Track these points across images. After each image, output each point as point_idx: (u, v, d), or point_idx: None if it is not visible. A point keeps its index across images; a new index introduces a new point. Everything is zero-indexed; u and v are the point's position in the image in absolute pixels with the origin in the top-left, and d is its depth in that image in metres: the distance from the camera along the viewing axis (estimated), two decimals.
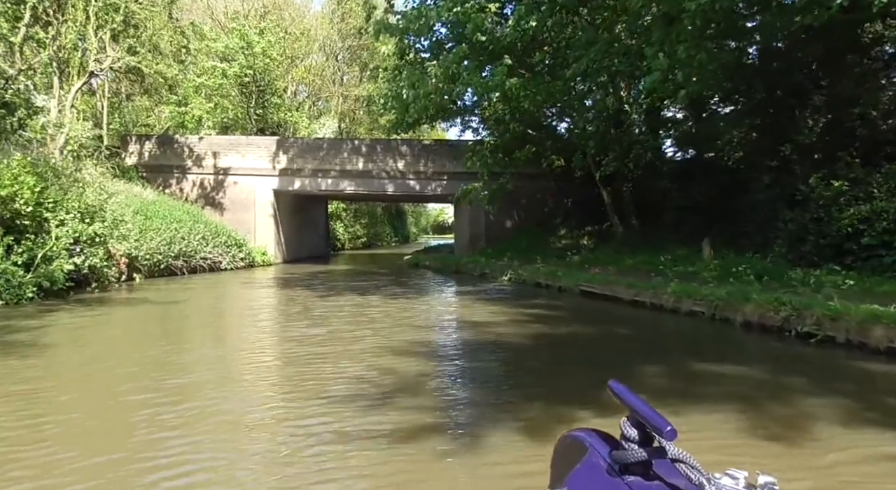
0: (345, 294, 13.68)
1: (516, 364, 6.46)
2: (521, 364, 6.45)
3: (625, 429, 0.98)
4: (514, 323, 9.13)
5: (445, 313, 10.86)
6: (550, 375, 5.95)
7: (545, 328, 8.60)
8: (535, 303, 11.63)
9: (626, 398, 0.98)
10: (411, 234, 79.13)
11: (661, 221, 15.37)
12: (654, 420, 0.89)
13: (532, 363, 6.49)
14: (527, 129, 15.96)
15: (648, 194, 15.78)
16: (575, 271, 13.43)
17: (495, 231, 23.93)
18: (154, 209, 20.02)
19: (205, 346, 7.92)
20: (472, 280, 17.27)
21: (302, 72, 41.07)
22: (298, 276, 19.11)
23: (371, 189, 24.75)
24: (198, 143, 25.25)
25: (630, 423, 0.97)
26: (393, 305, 11.88)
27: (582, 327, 8.82)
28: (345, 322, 9.70)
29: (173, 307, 11.67)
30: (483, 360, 6.73)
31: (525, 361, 6.60)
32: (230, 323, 10.27)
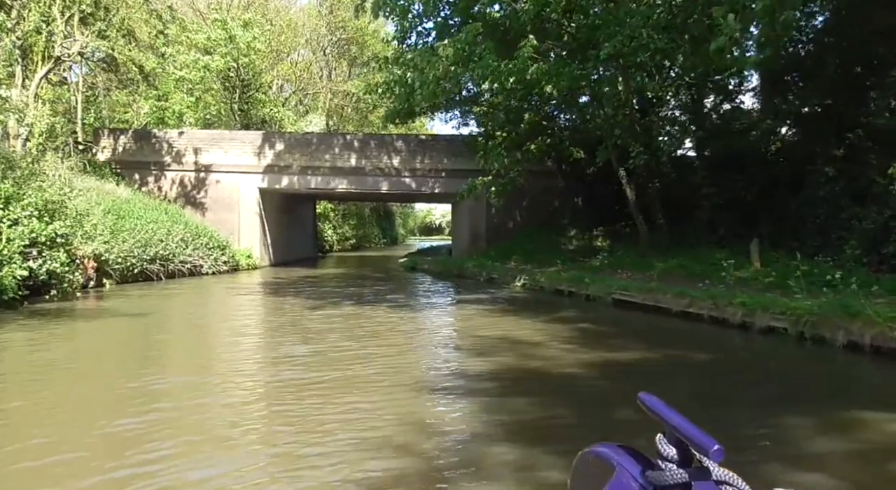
0: (339, 303, 12.08)
1: (591, 409, 4.91)
2: (599, 409, 4.91)
3: (661, 447, 0.88)
4: (554, 342, 7.61)
5: (462, 327, 9.30)
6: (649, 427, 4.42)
7: (599, 350, 7.07)
8: (565, 315, 10.11)
9: (662, 413, 0.89)
10: (399, 236, 77.49)
11: (692, 221, 13.93)
12: (698, 438, 0.82)
13: (615, 408, 4.91)
14: (542, 120, 14.43)
15: (677, 190, 14.32)
16: (604, 277, 11.92)
17: (497, 231, 22.41)
18: (128, 208, 18.25)
19: (170, 375, 6.29)
20: (480, 286, 15.73)
21: (288, 67, 39.35)
22: (286, 282, 17.45)
23: (364, 187, 23.13)
24: (177, 138, 23.47)
25: (668, 441, 0.88)
26: (396, 317, 10.31)
27: (644, 349, 7.24)
28: (342, 338, 8.16)
29: (141, 321, 9.99)
30: (541, 401, 5.12)
31: (602, 404, 5.05)
32: (206, 340, 8.63)
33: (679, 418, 0.86)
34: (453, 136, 23.73)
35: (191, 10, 34.50)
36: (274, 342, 8.54)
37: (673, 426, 0.86)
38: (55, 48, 18.07)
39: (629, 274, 12.65)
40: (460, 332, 8.77)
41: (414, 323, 9.90)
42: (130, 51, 20.16)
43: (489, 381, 5.70)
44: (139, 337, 8.76)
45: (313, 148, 22.97)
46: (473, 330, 8.89)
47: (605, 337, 8.13)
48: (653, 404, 0.92)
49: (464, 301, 12.34)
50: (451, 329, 9.13)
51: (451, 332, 8.84)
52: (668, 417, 0.88)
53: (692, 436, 0.82)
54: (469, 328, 9.12)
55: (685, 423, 0.85)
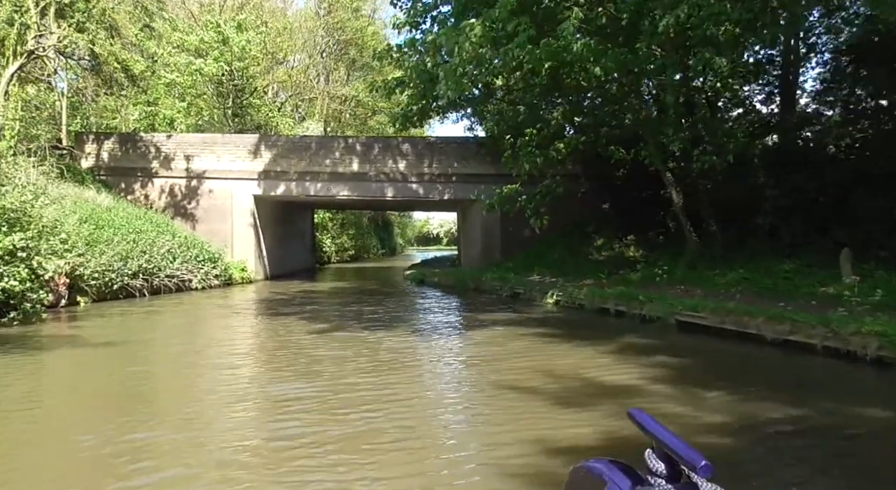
0: (345, 325, 10.32)
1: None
2: None
3: (650, 462, 0.90)
4: (638, 383, 5.89)
5: (499, 358, 7.52)
6: None
7: (715, 403, 5.28)
8: (627, 343, 8.33)
9: (651, 428, 0.91)
10: (398, 246, 75.73)
11: (748, 226, 12.24)
12: (686, 453, 0.83)
13: None
14: (573, 116, 12.67)
15: (729, 192, 12.60)
16: (662, 295, 10.15)
17: (513, 241, 20.69)
18: (107, 217, 16.47)
19: (140, 428, 4.55)
20: (503, 302, 13.98)
21: (284, 73, 37.74)
22: (284, 298, 15.66)
23: (367, 194, 21.40)
24: (166, 143, 21.73)
25: (656, 456, 0.90)
26: (411, 343, 8.58)
27: (780, 400, 5.25)
28: (347, 372, 6.56)
29: (111, 351, 8.19)
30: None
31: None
32: (186, 378, 6.84)
33: (667, 433, 0.87)
34: (464, 138, 22.07)
35: (183, 11, 32.92)
36: (267, 378, 6.82)
37: (661, 441, 0.86)
38: (28, 42, 16.36)
39: (683, 289, 10.92)
40: (499, 367, 7.01)
41: (435, 351, 8.16)
42: (112, 46, 18.39)
43: (563, 456, 3.92)
44: (106, 374, 6.98)
45: (312, 152, 21.26)
46: (515, 363, 7.14)
47: (705, 376, 6.31)
48: (642, 419, 0.92)
49: (490, 322, 10.59)
50: (486, 361, 7.36)
51: (486, 366, 7.07)
52: (656, 432, 0.88)
53: (680, 451, 0.82)
54: (508, 360, 7.36)
55: (673, 438, 0.85)
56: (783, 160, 11.73)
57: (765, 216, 11.57)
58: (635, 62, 9.89)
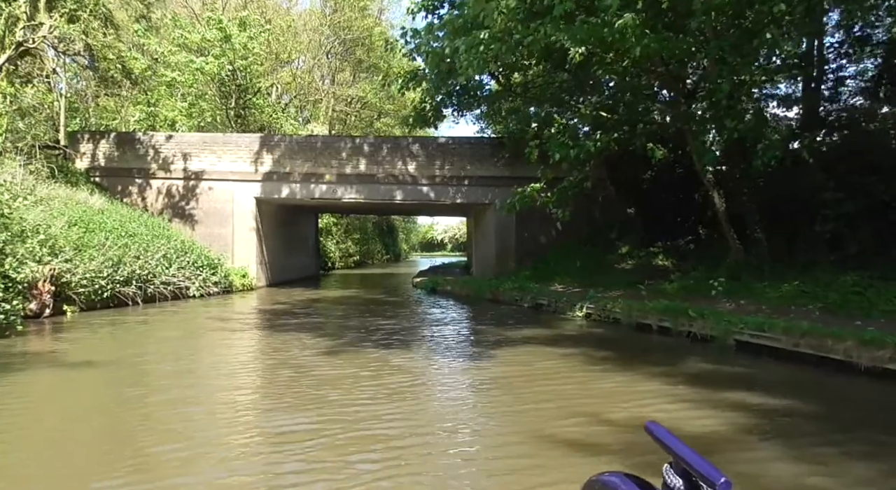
0: (352, 341, 9.21)
1: None
2: None
3: (668, 477, 0.89)
4: (764, 436, 4.75)
5: (538, 391, 6.38)
6: None
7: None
8: (691, 368, 7.17)
9: (669, 443, 0.90)
10: (403, 252, 74.62)
11: (800, 234, 11.08)
12: (705, 469, 0.81)
13: None
14: (600, 110, 11.50)
15: (778, 195, 11.43)
16: (718, 310, 8.98)
17: (529, 248, 19.58)
18: (99, 220, 15.40)
19: (121, 475, 3.46)
20: (525, 315, 12.85)
21: (288, 75, 36.74)
22: (287, 309, 14.55)
23: (375, 197, 20.30)
24: (164, 143, 20.71)
25: (674, 472, 0.89)
26: (435, 367, 7.47)
27: None
28: (353, 401, 5.45)
29: (88, 375, 7.06)
30: None
31: None
32: (175, 408, 5.71)
33: (686, 449, 0.87)
34: (477, 138, 21.01)
35: (185, 10, 31.96)
36: (265, 408, 5.73)
37: (680, 457, 0.86)
38: (16, 33, 15.34)
39: (731, 303, 9.77)
40: (531, 400, 5.87)
41: (460, 377, 7.03)
42: (106, 36, 17.35)
43: None
44: (83, 400, 5.87)
45: (317, 153, 20.20)
46: (549, 394, 6.02)
47: (819, 422, 5.14)
48: (660, 434, 0.93)
49: (515, 339, 9.45)
50: (515, 393, 6.22)
51: (515, 399, 5.94)
52: (675, 448, 0.89)
53: (699, 467, 0.82)
54: (541, 391, 6.23)
55: (692, 454, 0.85)
56: (843, 160, 10.57)
57: (824, 223, 10.41)
58: (681, 45, 8.74)
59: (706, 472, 0.81)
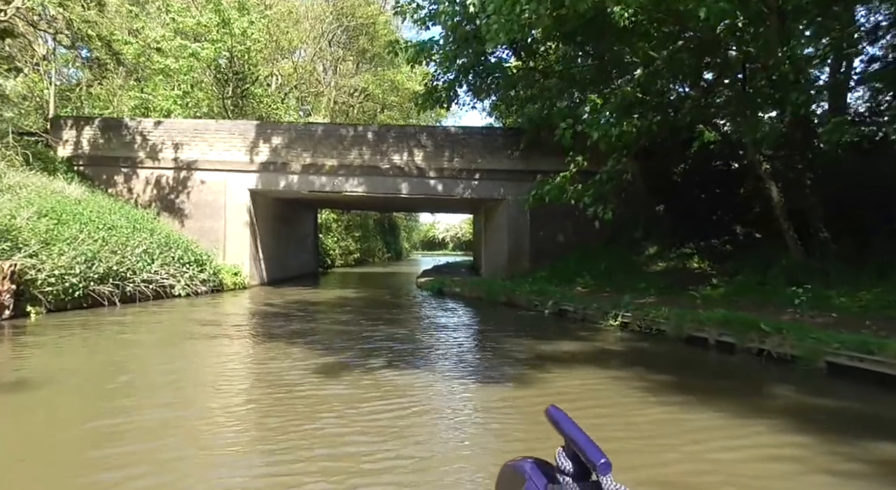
0: (353, 355, 7.73)
1: None
2: None
3: (560, 460, 0.93)
4: None
5: (627, 440, 4.90)
6: None
7: None
8: (797, 400, 5.70)
9: (563, 426, 0.92)
10: (404, 250, 73.13)
11: (877, 233, 9.55)
12: (588, 451, 0.84)
13: None
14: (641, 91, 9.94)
15: (844, 186, 9.89)
16: (800, 324, 7.45)
17: (544, 247, 18.09)
18: (74, 211, 13.91)
19: None
20: (547, 323, 11.38)
21: (289, 65, 35.25)
22: (279, 311, 13.07)
23: (379, 190, 18.82)
24: (153, 129, 19.23)
25: (565, 455, 0.92)
26: (451, 393, 6.01)
27: None
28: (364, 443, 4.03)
29: (21, 399, 5.57)
30: None
31: None
32: (136, 446, 4.23)
33: (577, 431, 0.88)
34: (490, 128, 19.55)
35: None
36: (236, 448, 4.23)
37: (570, 439, 0.88)
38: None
39: (796, 314, 8.28)
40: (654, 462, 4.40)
41: (478, 407, 5.58)
42: (87, 9, 15.85)
43: None
44: (11, 431, 4.41)
45: (317, 142, 18.71)
46: (618, 441, 4.55)
47: None
48: (558, 417, 0.93)
49: (547, 356, 7.95)
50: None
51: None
52: (567, 430, 0.90)
53: (584, 448, 0.84)
54: (603, 436, 4.77)
55: (581, 436, 0.87)
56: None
57: None
58: (754, 7, 7.26)
59: (589, 453, 0.81)
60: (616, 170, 10.38)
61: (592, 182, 10.72)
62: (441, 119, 42.41)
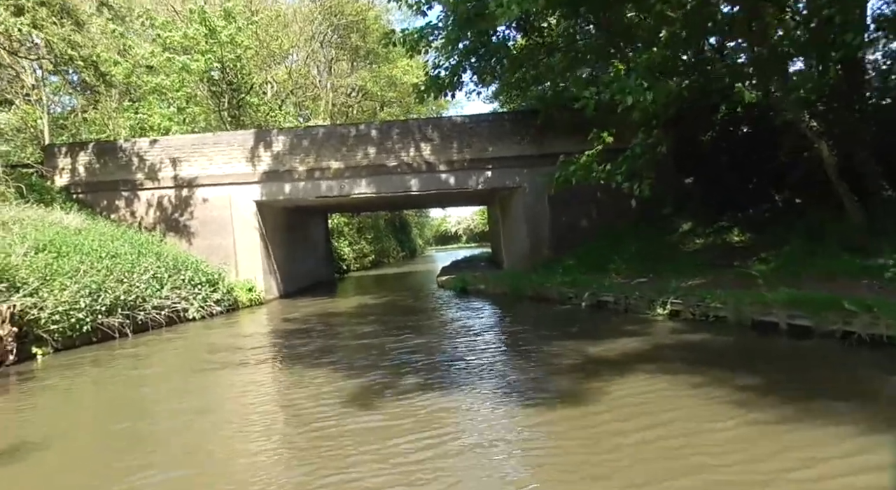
0: (389, 377, 6.95)
1: None
2: None
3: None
4: None
5: (743, 474, 4.11)
6: None
7: None
8: None
9: None
10: (418, 247, 72.39)
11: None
12: None
13: None
14: (678, 49, 9.01)
15: None
16: (884, 301, 6.54)
17: (565, 234, 17.22)
18: (74, 242, 13.25)
19: None
20: (588, 317, 10.55)
21: (283, 72, 34.52)
22: (299, 329, 12.32)
23: (388, 189, 18.03)
24: (149, 149, 18.56)
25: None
26: (510, 415, 5.22)
27: None
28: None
29: (18, 471, 4.86)
30: None
31: None
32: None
33: None
34: (496, 114, 18.72)
35: (163, 6, 29.77)
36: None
37: None
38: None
39: (872, 285, 7.41)
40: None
41: (539, 434, 4.80)
42: (62, 26, 15.11)
43: None
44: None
45: (319, 145, 17.94)
46: (730, 476, 3.75)
47: None
48: None
49: (600, 358, 7.13)
50: (656, 468, 3.98)
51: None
52: None
53: None
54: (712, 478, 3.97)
55: None
56: None
57: None
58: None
59: None
60: (648, 142, 9.46)
61: (624, 157, 9.83)
62: (442, 111, 41.49)
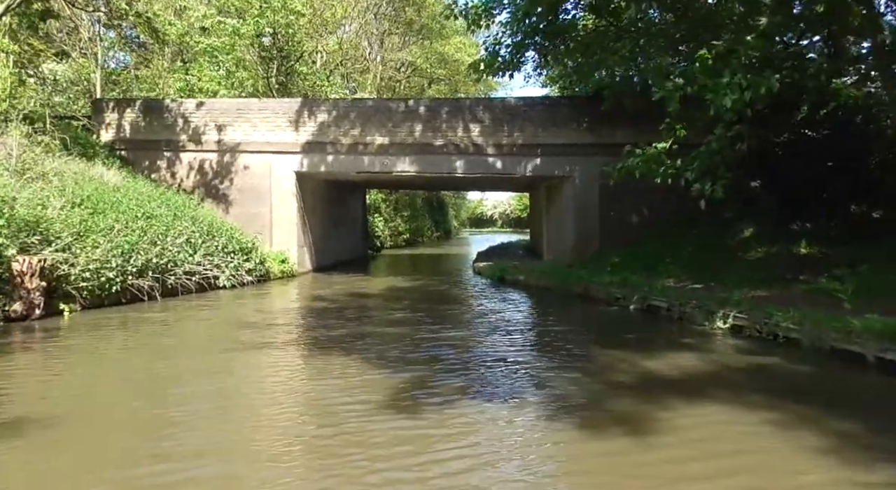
0: (421, 373, 6.35)
1: None
2: None
3: None
4: None
5: None
6: None
7: None
8: None
9: None
10: (453, 229, 71.77)
11: None
12: None
13: None
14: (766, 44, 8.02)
15: None
16: None
17: (615, 229, 16.34)
18: (112, 199, 13.01)
19: None
20: (639, 323, 9.80)
21: (334, 43, 33.98)
22: (327, 307, 11.83)
23: (432, 169, 17.38)
24: (195, 111, 18.24)
25: None
26: (580, 440, 4.56)
27: None
28: None
29: (41, 439, 4.43)
30: None
31: None
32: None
33: None
34: (554, 98, 17.80)
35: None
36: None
37: None
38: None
39: None
40: None
41: (606, 479, 4.13)
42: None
43: None
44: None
45: (366, 118, 17.33)
46: None
47: None
48: None
49: (658, 377, 6.39)
50: None
51: None
52: None
53: None
54: None
55: None
56: None
57: None
58: None
59: None
60: (728, 136, 8.51)
61: (697, 153, 8.94)
62: (491, 92, 40.51)
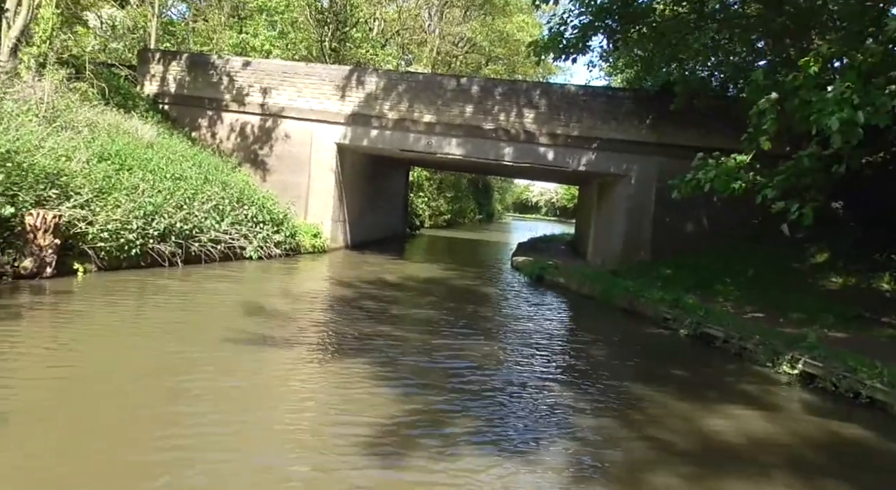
0: (449, 406, 5.46)
1: None
2: None
3: None
4: None
5: None
6: None
7: None
8: None
9: None
10: (496, 212, 70.64)
11: None
12: None
13: None
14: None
15: None
16: None
17: (669, 238, 15.07)
18: (141, 156, 12.45)
19: None
20: (690, 354, 8.72)
21: (393, 11, 32.99)
22: (354, 297, 10.92)
23: (479, 154, 16.36)
24: (241, 70, 17.56)
25: None
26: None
27: None
28: None
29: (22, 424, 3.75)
30: None
31: None
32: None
33: None
34: (617, 89, 16.51)
35: None
36: None
37: None
38: None
39: None
40: None
41: None
42: None
43: None
44: None
45: (415, 93, 16.36)
46: None
47: None
48: None
49: (721, 443, 5.33)
50: None
51: None
52: None
53: None
54: None
55: None
56: None
57: None
58: None
59: None
60: (824, 153, 7.20)
61: (785, 167, 7.70)
62: (550, 76, 38.92)
